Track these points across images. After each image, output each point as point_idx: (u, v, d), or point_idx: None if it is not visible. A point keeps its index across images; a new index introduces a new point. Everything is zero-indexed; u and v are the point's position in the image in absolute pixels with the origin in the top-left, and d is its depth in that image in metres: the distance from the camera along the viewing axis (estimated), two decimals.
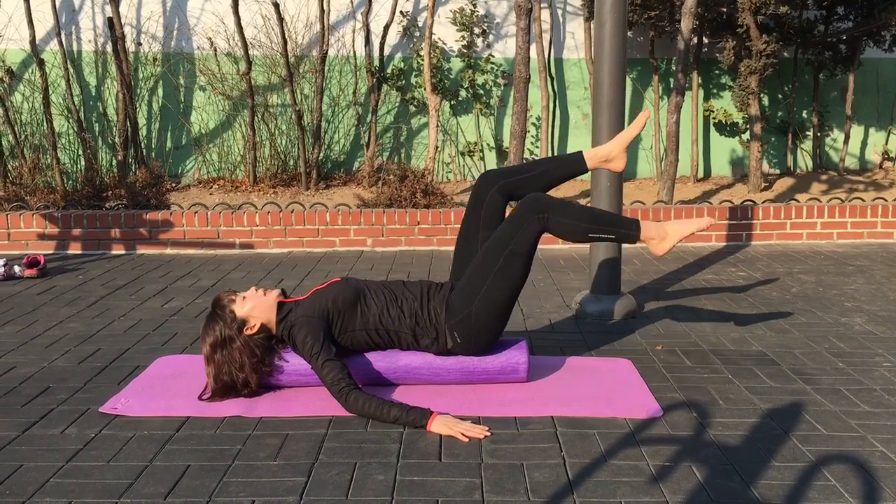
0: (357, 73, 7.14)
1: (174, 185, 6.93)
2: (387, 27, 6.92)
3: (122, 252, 5.60)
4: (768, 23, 6.90)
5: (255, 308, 2.79)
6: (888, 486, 2.15)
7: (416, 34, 7.23)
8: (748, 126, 7.18)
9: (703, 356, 3.25)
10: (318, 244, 5.66)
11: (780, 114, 7.58)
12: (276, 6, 6.49)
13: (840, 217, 5.80)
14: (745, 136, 7.48)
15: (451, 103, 7.30)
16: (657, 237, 2.87)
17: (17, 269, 4.77)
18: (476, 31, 7.26)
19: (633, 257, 5.28)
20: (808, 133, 7.59)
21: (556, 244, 5.68)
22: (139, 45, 7.05)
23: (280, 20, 6.54)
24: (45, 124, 6.54)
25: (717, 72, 7.51)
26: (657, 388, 2.89)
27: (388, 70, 7.16)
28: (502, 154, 7.33)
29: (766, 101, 7.51)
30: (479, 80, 7.31)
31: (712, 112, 7.45)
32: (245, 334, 2.76)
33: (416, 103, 7.25)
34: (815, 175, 7.43)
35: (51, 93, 6.64)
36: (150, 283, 4.64)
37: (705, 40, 7.32)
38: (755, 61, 6.53)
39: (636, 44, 7.37)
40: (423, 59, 6.83)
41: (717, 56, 7.32)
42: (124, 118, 6.68)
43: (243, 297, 2.81)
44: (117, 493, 2.15)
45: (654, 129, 7.27)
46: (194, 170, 7.17)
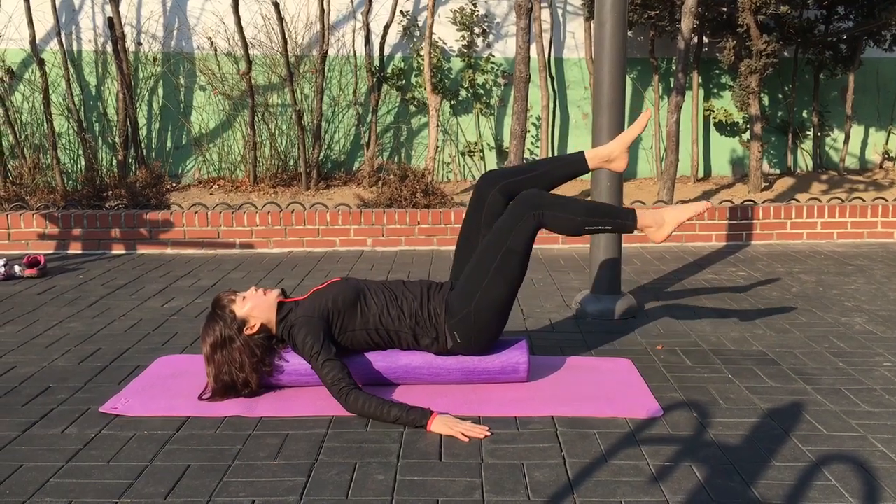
0: (357, 72, 7.14)
1: (174, 184, 6.93)
2: (387, 27, 6.92)
3: (123, 252, 5.60)
4: (769, 22, 6.89)
5: (255, 308, 2.79)
6: (888, 486, 2.15)
7: (417, 34, 7.23)
8: (748, 126, 7.18)
9: (703, 356, 3.25)
10: (318, 244, 5.67)
11: (780, 113, 7.57)
12: (277, 6, 6.49)
13: (840, 217, 5.80)
14: (746, 135, 7.48)
15: (452, 103, 7.30)
16: (654, 224, 2.86)
17: (17, 268, 4.77)
18: (476, 30, 7.26)
19: (633, 257, 5.28)
20: (808, 133, 7.58)
21: (556, 244, 5.68)
22: (139, 44, 7.05)
23: (280, 20, 6.54)
24: (45, 124, 6.54)
25: (717, 71, 7.51)
26: (657, 387, 2.89)
27: (389, 70, 7.16)
28: (502, 154, 7.33)
29: (766, 100, 7.51)
30: (480, 79, 7.31)
31: (712, 112, 7.45)
32: (245, 334, 2.76)
33: (416, 103, 7.24)
34: (815, 175, 7.43)
35: (51, 93, 6.64)
36: (150, 283, 4.64)
37: (705, 40, 7.32)
38: (755, 61, 6.52)
39: (636, 43, 7.37)
40: (423, 59, 6.83)
41: (717, 56, 7.32)
42: (124, 118, 6.68)
43: (243, 297, 2.81)
44: (117, 493, 2.15)
45: (654, 129, 7.27)
46: (194, 170, 7.17)
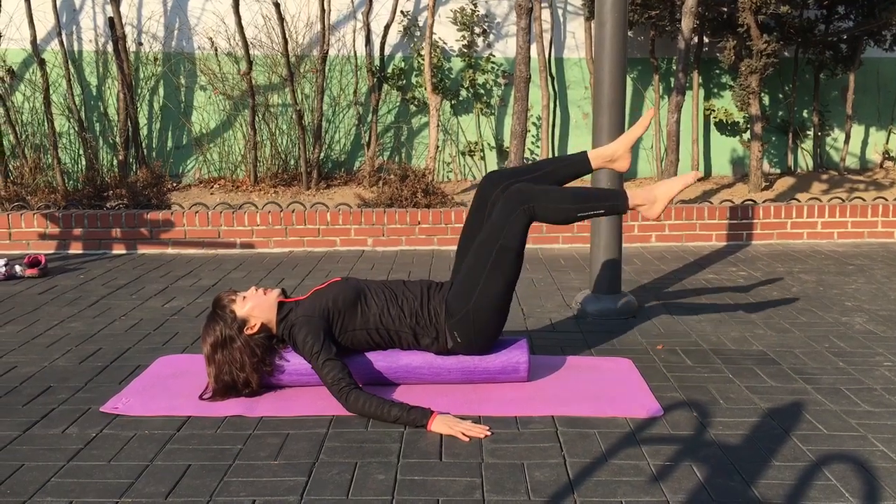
0: (358, 72, 7.14)
1: (175, 184, 6.93)
2: (387, 27, 6.92)
3: (123, 252, 5.60)
4: (769, 22, 6.89)
5: (256, 308, 2.79)
6: (889, 486, 2.15)
7: (417, 34, 7.23)
8: (749, 125, 7.18)
9: (703, 356, 3.25)
10: (318, 244, 5.67)
11: (780, 113, 7.57)
12: (277, 6, 6.49)
13: (841, 216, 5.80)
14: (746, 135, 7.48)
15: (452, 103, 7.30)
16: (647, 202, 2.85)
17: (18, 268, 4.78)
18: (476, 30, 7.27)
19: (633, 257, 5.28)
20: (808, 132, 7.58)
21: (556, 243, 5.69)
22: (140, 44, 7.05)
23: (281, 20, 6.54)
24: (45, 124, 6.54)
25: (717, 71, 7.51)
26: (658, 387, 2.89)
27: (389, 70, 7.17)
28: (503, 154, 7.33)
29: (766, 100, 7.51)
30: (480, 79, 7.31)
31: (713, 111, 7.45)
32: (245, 334, 2.76)
33: (416, 103, 7.25)
34: (815, 174, 7.43)
35: (52, 92, 6.64)
36: (150, 283, 4.65)
37: (706, 40, 7.32)
38: (756, 61, 6.52)
39: (637, 43, 7.37)
40: (423, 59, 6.83)
41: (717, 55, 7.32)
42: (125, 118, 6.68)
43: (244, 297, 2.81)
44: (118, 492, 2.15)
45: (654, 129, 7.27)
46: (195, 169, 7.18)
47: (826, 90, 7.58)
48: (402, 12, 7.10)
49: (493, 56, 7.28)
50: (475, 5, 7.15)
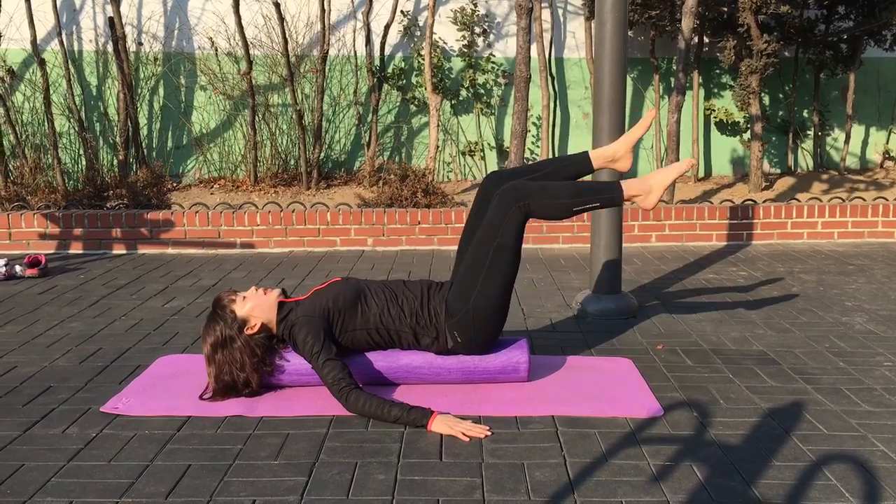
0: (358, 72, 7.14)
1: (175, 184, 6.93)
2: (387, 27, 6.92)
3: (124, 252, 5.60)
4: (769, 22, 6.89)
5: (256, 308, 2.79)
6: (889, 486, 2.15)
7: (417, 34, 7.23)
8: (749, 125, 7.18)
9: (703, 355, 3.25)
10: (318, 244, 5.67)
11: (780, 113, 7.57)
12: (277, 6, 6.49)
13: (841, 216, 5.80)
14: (746, 135, 7.48)
15: (452, 103, 7.30)
16: (642, 192, 2.85)
17: (18, 268, 4.78)
18: (477, 30, 7.26)
19: (633, 257, 5.28)
20: (808, 132, 7.58)
21: (557, 244, 5.69)
22: (140, 44, 7.05)
23: (281, 20, 6.54)
24: (46, 124, 6.54)
25: (717, 71, 7.51)
26: (658, 387, 2.89)
27: (389, 70, 7.17)
28: (503, 154, 7.33)
29: (766, 100, 7.51)
30: (480, 79, 7.31)
31: (713, 111, 7.45)
32: (246, 334, 2.76)
33: (416, 103, 7.25)
34: (815, 174, 7.43)
35: (52, 92, 6.64)
36: (151, 283, 4.65)
37: (706, 40, 7.32)
38: (756, 61, 6.52)
39: (637, 43, 7.37)
40: (423, 59, 6.83)
41: (717, 55, 7.32)
42: (125, 118, 6.68)
43: (244, 297, 2.81)
44: (118, 492, 2.15)
45: (655, 129, 7.27)
46: (195, 169, 7.18)
47: (826, 90, 7.58)
48: (402, 12, 7.10)
49: (494, 56, 7.28)
50: (475, 5, 7.15)
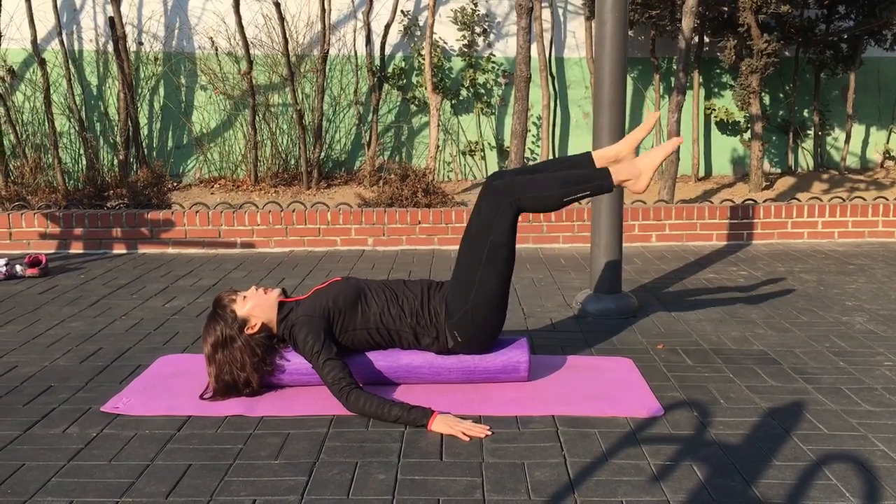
0: (358, 72, 7.14)
1: (175, 184, 6.94)
2: (388, 26, 6.92)
3: (124, 251, 5.60)
4: (769, 22, 6.89)
5: (256, 307, 2.79)
6: (889, 486, 2.15)
7: (417, 33, 7.23)
8: (749, 125, 7.18)
9: (704, 355, 3.25)
10: (319, 243, 5.67)
11: (781, 113, 7.57)
12: (278, 5, 6.49)
13: (841, 216, 5.79)
14: (747, 135, 7.48)
15: (452, 102, 7.30)
16: (632, 176, 2.83)
17: (18, 268, 4.78)
18: (477, 30, 7.26)
19: (634, 256, 5.28)
20: (809, 132, 7.58)
21: (557, 243, 5.68)
22: (140, 44, 7.06)
23: (281, 19, 6.54)
24: (46, 124, 6.54)
25: (718, 71, 7.51)
26: (658, 387, 2.89)
27: (389, 69, 7.17)
28: (503, 153, 7.33)
29: (767, 100, 7.51)
30: (480, 79, 7.31)
31: (713, 111, 7.45)
32: (246, 334, 2.76)
33: (417, 102, 7.25)
34: (816, 174, 7.43)
35: (52, 92, 6.64)
36: (151, 283, 4.65)
37: (706, 39, 7.32)
38: (756, 60, 6.52)
39: (637, 43, 7.37)
40: (424, 59, 6.83)
41: (718, 55, 7.32)
42: (125, 118, 6.68)
43: (244, 297, 2.81)
44: (119, 492, 2.15)
45: (655, 128, 7.27)
46: (195, 169, 7.18)
47: (826, 90, 7.58)
48: (402, 12, 7.10)
49: (494, 56, 7.28)
50: (475, 5, 7.15)
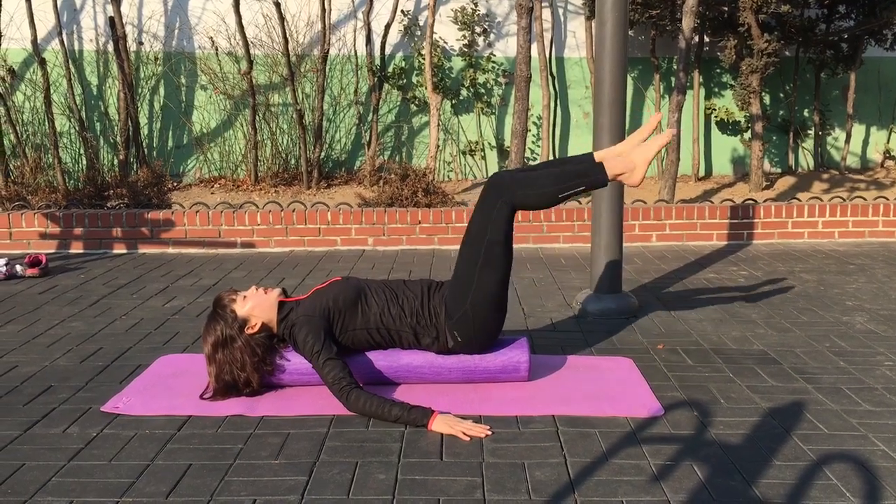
0: (358, 72, 7.14)
1: (175, 184, 6.94)
2: (388, 26, 6.92)
3: (124, 251, 5.60)
4: (770, 21, 6.89)
5: (256, 307, 2.79)
6: (889, 485, 2.15)
7: (418, 33, 7.23)
8: (749, 125, 7.18)
9: (704, 355, 3.25)
10: (319, 243, 5.67)
11: (781, 112, 7.57)
12: (278, 5, 6.49)
13: (841, 216, 5.79)
14: (747, 134, 7.48)
15: (453, 102, 7.30)
16: (626, 170, 2.82)
17: (18, 268, 4.78)
18: (477, 29, 7.26)
19: (634, 256, 5.28)
20: (809, 132, 7.58)
21: (557, 243, 5.68)
22: (140, 44, 7.06)
23: (281, 19, 6.54)
24: (46, 123, 6.54)
25: (718, 70, 7.51)
26: (658, 386, 2.89)
27: (390, 69, 7.17)
28: (503, 153, 7.33)
29: (767, 99, 7.51)
30: (481, 79, 7.31)
31: (714, 111, 7.45)
32: (246, 334, 2.76)
33: (417, 102, 7.25)
34: (816, 174, 7.43)
35: (52, 92, 6.64)
36: (151, 283, 4.65)
37: (706, 39, 7.32)
38: (756, 60, 6.52)
39: (637, 43, 7.37)
40: (424, 58, 6.83)
41: (718, 55, 7.32)
42: (126, 117, 6.68)
43: (244, 297, 2.81)
44: (119, 492, 2.15)
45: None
46: (196, 169, 7.18)
47: (827, 89, 7.58)
48: (402, 12, 7.10)
49: (494, 55, 7.28)
50: (476, 4, 7.15)
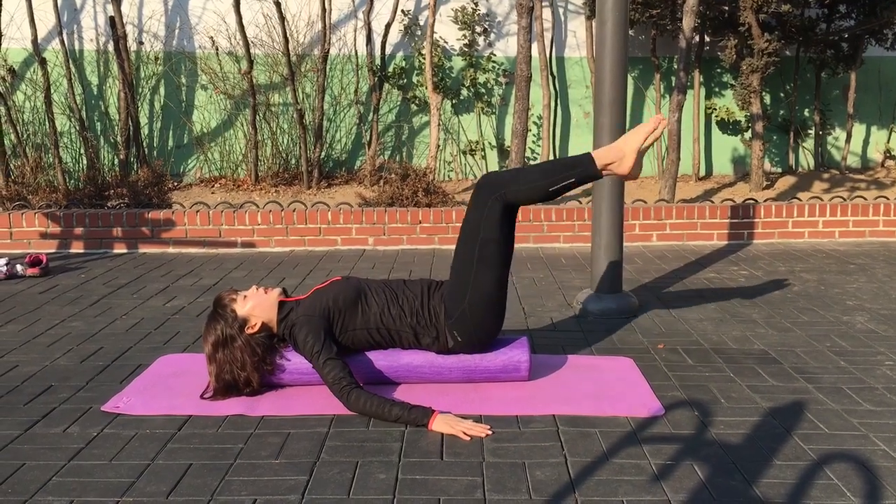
0: (358, 71, 7.14)
1: (176, 183, 6.94)
2: (388, 26, 6.92)
3: (124, 251, 5.60)
4: (770, 21, 6.89)
5: (257, 307, 2.79)
6: (890, 485, 2.15)
7: (418, 33, 7.23)
8: (750, 124, 7.18)
9: (704, 355, 3.25)
10: (319, 243, 5.67)
11: (781, 112, 7.57)
12: (278, 5, 6.49)
13: (842, 215, 5.79)
14: (747, 134, 7.48)
15: (453, 102, 7.30)
16: (616, 159, 2.81)
17: (19, 268, 4.78)
18: (477, 29, 7.26)
19: (634, 256, 5.28)
20: (809, 131, 7.58)
21: (557, 242, 5.68)
22: (141, 44, 7.06)
23: (282, 19, 6.54)
24: (47, 123, 6.54)
25: (718, 70, 7.51)
26: (659, 386, 2.89)
27: (390, 69, 7.17)
28: (504, 153, 7.33)
29: (767, 99, 7.51)
30: (481, 78, 7.31)
31: (714, 110, 7.45)
32: (246, 333, 2.76)
33: (417, 102, 7.25)
34: (816, 173, 7.43)
35: (53, 92, 6.64)
36: (151, 282, 4.65)
37: (707, 39, 7.32)
38: (757, 60, 6.52)
39: (638, 42, 7.37)
40: (424, 58, 6.83)
41: (718, 54, 7.31)
42: (126, 117, 6.68)
43: (244, 296, 2.81)
44: (119, 491, 2.15)
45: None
46: (196, 169, 7.18)
47: (827, 89, 7.58)
48: (402, 11, 7.10)
49: (494, 55, 7.28)
50: (476, 4, 7.15)
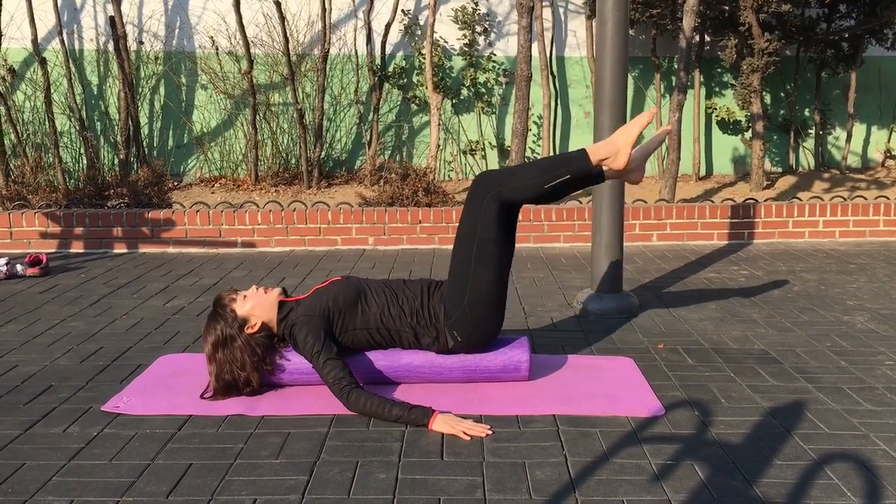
0: (359, 71, 7.14)
1: (176, 183, 6.93)
2: (388, 25, 6.92)
3: (125, 251, 5.60)
4: (770, 21, 6.89)
5: (257, 307, 2.79)
6: (890, 485, 2.15)
7: (418, 32, 7.23)
8: (750, 124, 7.18)
9: (704, 354, 3.25)
10: (319, 243, 5.67)
11: (782, 112, 7.57)
12: (278, 5, 6.49)
13: (842, 215, 5.79)
14: (748, 134, 7.48)
15: (453, 102, 7.30)
16: (610, 155, 2.81)
17: (19, 267, 4.78)
18: (478, 29, 7.26)
19: (634, 256, 5.28)
20: (810, 131, 7.58)
21: (558, 242, 5.68)
22: (141, 43, 7.06)
23: (282, 19, 6.54)
24: (46, 123, 6.54)
25: (719, 70, 7.51)
26: (659, 386, 2.89)
27: (390, 68, 7.16)
28: (504, 153, 7.33)
29: (768, 99, 7.51)
30: (481, 78, 7.31)
31: (714, 110, 7.45)
32: (246, 333, 2.76)
33: (417, 102, 7.25)
34: (817, 173, 7.42)
35: (53, 91, 6.64)
36: (152, 282, 4.65)
37: (707, 38, 7.32)
38: (757, 59, 6.52)
39: (638, 42, 7.37)
40: (424, 58, 6.83)
41: (719, 54, 7.31)
42: (126, 117, 6.68)
43: (244, 296, 2.81)
44: (119, 491, 2.15)
45: (655, 127, 7.27)
46: (196, 168, 7.18)
47: (827, 89, 7.58)
48: (402, 11, 7.10)
49: (495, 55, 7.28)
50: (476, 4, 7.15)
